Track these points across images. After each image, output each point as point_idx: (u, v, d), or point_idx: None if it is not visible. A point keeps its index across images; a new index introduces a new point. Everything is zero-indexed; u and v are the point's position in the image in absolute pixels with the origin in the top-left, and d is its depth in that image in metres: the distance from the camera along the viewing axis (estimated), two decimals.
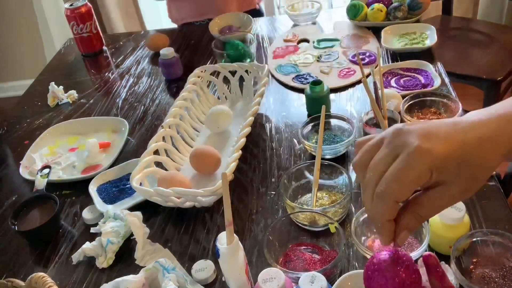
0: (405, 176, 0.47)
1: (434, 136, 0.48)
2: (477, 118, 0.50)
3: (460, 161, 0.47)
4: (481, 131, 0.49)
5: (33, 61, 3.02)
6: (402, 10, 1.46)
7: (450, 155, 0.47)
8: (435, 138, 0.48)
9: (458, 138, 0.48)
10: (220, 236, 0.72)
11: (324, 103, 1.09)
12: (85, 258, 0.92)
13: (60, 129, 1.30)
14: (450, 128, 0.49)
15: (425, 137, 0.47)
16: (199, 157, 1.06)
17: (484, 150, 0.48)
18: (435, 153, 0.47)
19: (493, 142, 0.48)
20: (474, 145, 0.48)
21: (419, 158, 0.47)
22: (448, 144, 0.47)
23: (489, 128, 0.49)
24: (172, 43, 1.66)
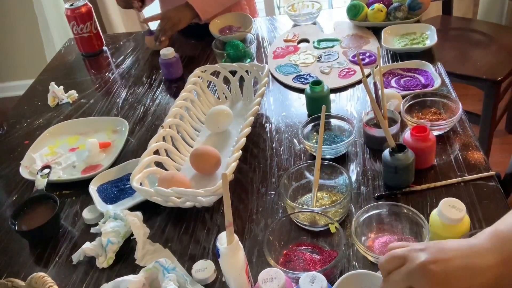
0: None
1: (447, 285, 0.57)
2: (489, 259, 0.58)
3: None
4: (485, 279, 0.57)
5: (33, 61, 3.02)
6: (402, 10, 1.46)
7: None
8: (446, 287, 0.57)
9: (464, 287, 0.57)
10: (220, 236, 0.72)
11: (324, 103, 1.09)
12: (85, 258, 0.92)
13: (60, 129, 1.30)
14: (463, 273, 0.57)
15: (438, 286, 0.57)
16: (199, 157, 1.06)
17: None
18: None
19: (498, 279, 0.57)
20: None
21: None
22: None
23: (495, 273, 0.57)
24: (172, 43, 1.66)
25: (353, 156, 1.06)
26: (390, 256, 0.62)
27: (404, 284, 0.59)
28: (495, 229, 0.61)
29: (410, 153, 0.93)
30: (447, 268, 0.57)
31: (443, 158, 1.01)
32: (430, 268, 0.57)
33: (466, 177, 0.95)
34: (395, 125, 1.03)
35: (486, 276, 0.57)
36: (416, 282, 0.58)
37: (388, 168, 0.94)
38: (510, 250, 0.58)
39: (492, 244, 0.59)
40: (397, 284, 0.60)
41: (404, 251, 0.61)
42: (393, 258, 0.61)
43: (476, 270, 0.57)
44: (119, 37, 1.81)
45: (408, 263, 0.59)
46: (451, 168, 0.98)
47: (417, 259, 0.58)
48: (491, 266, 0.57)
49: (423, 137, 0.95)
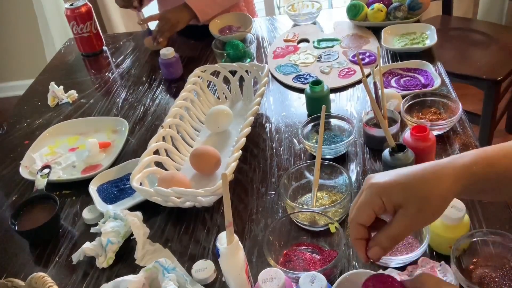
0: (362, 204, 0.62)
1: (386, 175, 0.62)
2: (430, 163, 0.62)
3: (404, 186, 0.59)
4: (426, 166, 0.61)
5: (33, 61, 3.02)
6: (402, 10, 1.46)
7: (395, 182, 0.60)
8: (385, 175, 0.61)
9: (404, 171, 0.61)
10: (220, 236, 0.72)
11: (324, 103, 1.09)
12: (85, 258, 0.92)
13: (60, 129, 1.30)
14: (400, 170, 0.62)
15: (378, 177, 0.62)
16: (199, 157, 1.06)
17: (427, 179, 0.60)
18: (381, 183, 0.60)
19: (437, 174, 0.60)
20: (418, 175, 0.60)
21: (370, 190, 0.61)
22: (394, 177, 0.61)
23: (432, 163, 0.62)
24: (172, 43, 1.66)
25: (353, 156, 1.06)
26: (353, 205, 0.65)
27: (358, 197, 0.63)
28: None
29: (410, 153, 0.93)
30: (387, 173, 0.62)
31: (443, 158, 1.01)
32: (371, 175, 0.63)
33: None
34: (395, 125, 1.03)
35: (426, 166, 0.60)
36: (364, 187, 0.62)
37: (388, 168, 0.94)
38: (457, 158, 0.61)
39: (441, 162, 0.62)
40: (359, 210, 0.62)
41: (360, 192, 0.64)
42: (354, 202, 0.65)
43: (414, 168, 0.61)
44: (119, 37, 1.81)
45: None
46: None
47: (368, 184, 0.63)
48: (431, 163, 0.61)
49: (423, 137, 0.95)
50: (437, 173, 0.60)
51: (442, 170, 0.60)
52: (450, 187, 0.59)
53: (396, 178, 0.60)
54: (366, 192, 0.61)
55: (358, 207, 0.62)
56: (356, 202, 0.63)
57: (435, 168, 0.60)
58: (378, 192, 0.60)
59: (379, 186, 0.60)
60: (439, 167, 0.60)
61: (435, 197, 0.59)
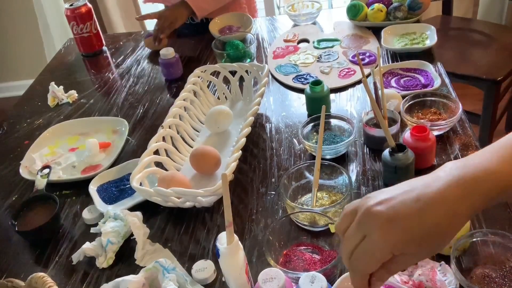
0: (369, 260, 0.54)
1: (395, 223, 0.52)
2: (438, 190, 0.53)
3: (420, 242, 0.53)
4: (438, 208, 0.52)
5: (33, 61, 3.02)
6: (402, 10, 1.46)
7: (409, 240, 0.52)
8: (395, 225, 0.52)
9: (415, 222, 0.52)
10: (220, 236, 0.72)
11: (324, 103, 1.09)
12: (85, 258, 0.92)
13: (60, 129, 1.30)
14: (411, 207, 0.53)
15: (387, 226, 0.53)
16: (199, 157, 1.06)
17: (442, 226, 0.52)
18: (394, 241, 0.52)
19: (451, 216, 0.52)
20: (431, 226, 0.52)
21: (380, 247, 0.53)
22: (406, 231, 0.52)
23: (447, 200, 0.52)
24: (172, 43, 1.66)
25: (353, 156, 1.06)
26: (342, 214, 0.58)
27: (356, 236, 0.55)
28: (459, 160, 0.56)
29: (410, 153, 0.93)
30: (394, 204, 0.53)
31: (443, 158, 1.01)
32: (374, 210, 0.53)
33: None
34: (395, 125, 1.03)
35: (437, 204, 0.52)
36: (365, 229, 0.54)
37: (388, 168, 0.94)
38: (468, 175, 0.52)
39: (447, 173, 0.53)
40: (351, 239, 0.55)
41: (355, 203, 0.57)
42: (345, 216, 0.57)
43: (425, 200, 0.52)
44: (119, 37, 1.81)
45: (358, 214, 0.55)
46: None
47: (363, 206, 0.55)
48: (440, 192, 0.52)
49: (423, 137, 0.95)
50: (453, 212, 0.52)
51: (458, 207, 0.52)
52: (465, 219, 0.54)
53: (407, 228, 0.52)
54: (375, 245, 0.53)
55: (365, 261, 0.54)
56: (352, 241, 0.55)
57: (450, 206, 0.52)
58: (389, 249, 0.53)
59: (391, 244, 0.52)
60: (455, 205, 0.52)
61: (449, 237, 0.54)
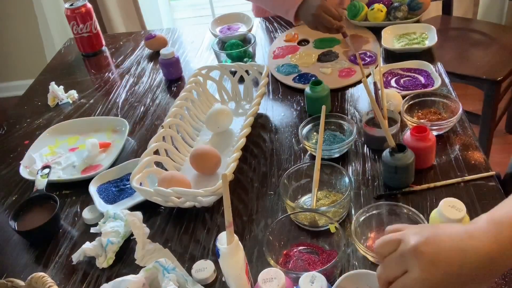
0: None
1: (438, 266, 0.57)
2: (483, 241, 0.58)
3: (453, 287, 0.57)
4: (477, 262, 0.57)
5: (33, 61, 3.02)
6: (402, 10, 1.46)
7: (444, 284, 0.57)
8: (437, 268, 0.57)
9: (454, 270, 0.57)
10: (220, 236, 0.72)
11: (324, 103, 1.09)
12: (85, 258, 0.92)
13: (60, 129, 1.30)
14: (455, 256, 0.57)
15: (429, 267, 0.57)
16: (199, 157, 1.06)
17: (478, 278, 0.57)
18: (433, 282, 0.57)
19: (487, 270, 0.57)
20: (467, 276, 0.57)
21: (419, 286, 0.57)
22: (445, 276, 0.57)
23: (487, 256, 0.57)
24: (172, 43, 1.66)
25: (353, 156, 1.06)
26: (385, 240, 0.63)
27: (398, 267, 0.59)
28: (491, 215, 0.61)
29: (410, 153, 0.93)
30: (439, 249, 0.58)
31: (443, 158, 1.01)
32: (421, 250, 0.58)
33: (466, 177, 0.95)
34: (395, 125, 1.03)
35: (479, 257, 0.57)
36: (409, 264, 0.58)
37: (388, 168, 0.94)
38: (504, 234, 0.58)
39: (488, 228, 0.59)
40: (392, 268, 0.60)
41: (398, 235, 0.61)
42: (388, 243, 0.62)
43: (468, 251, 0.57)
44: (119, 37, 1.81)
45: (402, 246, 0.60)
46: (451, 168, 0.98)
47: (410, 241, 0.59)
48: (484, 248, 0.57)
49: (423, 137, 0.95)
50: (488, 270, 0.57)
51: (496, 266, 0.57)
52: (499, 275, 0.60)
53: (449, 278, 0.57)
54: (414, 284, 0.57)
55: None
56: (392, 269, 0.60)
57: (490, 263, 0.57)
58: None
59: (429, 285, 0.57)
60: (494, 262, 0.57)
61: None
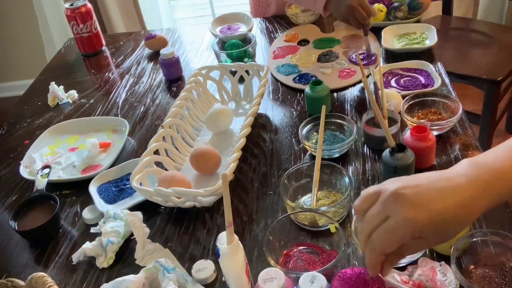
0: (391, 238, 0.59)
1: (419, 205, 0.58)
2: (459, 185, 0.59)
3: (438, 227, 0.58)
4: (459, 198, 0.58)
5: (33, 61, 3.02)
6: (402, 10, 1.46)
7: (429, 223, 0.58)
8: (419, 207, 0.58)
9: (438, 207, 0.58)
10: (220, 236, 0.72)
11: (324, 103, 1.09)
12: (85, 258, 0.92)
13: (60, 129, 1.30)
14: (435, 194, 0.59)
15: (411, 207, 0.58)
16: (199, 157, 1.06)
17: (459, 217, 0.58)
18: (416, 222, 0.58)
19: (467, 209, 0.58)
20: (450, 214, 0.58)
21: (403, 226, 0.58)
22: (428, 214, 0.58)
23: (467, 194, 0.59)
24: (172, 43, 1.66)
25: (353, 156, 1.06)
26: (363, 196, 0.63)
27: (380, 216, 0.60)
28: (474, 158, 0.62)
29: (410, 153, 0.93)
30: (419, 190, 0.59)
31: (443, 158, 1.01)
32: (401, 193, 0.59)
33: None
34: (395, 125, 1.03)
35: (460, 195, 0.58)
36: (390, 209, 0.59)
37: (388, 168, 0.94)
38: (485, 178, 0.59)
39: (468, 170, 0.60)
40: (373, 218, 0.61)
41: (376, 187, 0.62)
42: (366, 197, 0.63)
43: (448, 190, 0.58)
44: (119, 37, 1.81)
45: (381, 196, 0.60)
46: None
47: (389, 188, 0.60)
48: (465, 187, 0.58)
49: (423, 137, 0.95)
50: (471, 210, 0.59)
51: (476, 205, 0.59)
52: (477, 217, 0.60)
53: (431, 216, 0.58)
54: (399, 226, 0.58)
55: (387, 240, 0.60)
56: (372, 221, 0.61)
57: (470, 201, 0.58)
58: (412, 231, 0.58)
59: (415, 226, 0.58)
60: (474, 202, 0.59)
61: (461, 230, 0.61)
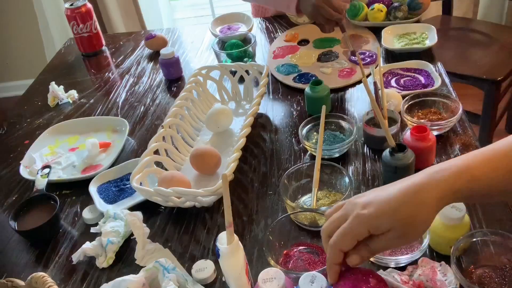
0: (347, 233, 0.63)
1: (369, 203, 0.63)
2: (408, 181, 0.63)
3: (390, 215, 0.61)
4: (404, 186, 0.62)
5: (33, 61, 3.02)
6: (402, 10, 1.46)
7: (381, 212, 0.61)
8: (369, 204, 0.63)
9: (385, 196, 0.62)
10: (220, 236, 0.72)
11: (324, 103, 1.09)
12: (85, 258, 0.92)
13: (60, 129, 1.30)
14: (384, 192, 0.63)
15: (364, 206, 0.63)
16: (199, 157, 1.06)
17: (409, 204, 0.61)
18: (368, 215, 0.62)
19: (417, 194, 0.61)
20: (399, 199, 0.61)
21: (356, 222, 0.62)
22: (377, 205, 0.62)
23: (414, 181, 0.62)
24: (172, 43, 1.66)
25: (353, 156, 1.06)
26: (334, 206, 0.68)
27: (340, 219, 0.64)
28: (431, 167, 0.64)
29: (410, 153, 0.93)
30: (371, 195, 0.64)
31: (443, 158, 1.01)
32: (358, 200, 0.64)
33: None
34: (395, 125, 1.03)
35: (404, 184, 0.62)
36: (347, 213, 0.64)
37: (388, 168, 0.94)
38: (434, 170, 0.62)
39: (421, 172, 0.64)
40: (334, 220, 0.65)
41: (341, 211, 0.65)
42: (336, 207, 0.67)
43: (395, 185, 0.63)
44: (119, 37, 1.81)
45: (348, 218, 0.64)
46: None
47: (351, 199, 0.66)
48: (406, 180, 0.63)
49: (423, 137, 0.95)
50: (419, 197, 0.61)
51: (424, 193, 0.61)
52: (433, 209, 0.61)
53: (380, 206, 0.62)
54: (352, 221, 0.63)
55: (342, 234, 0.63)
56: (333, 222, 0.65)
57: (417, 188, 0.61)
58: (365, 225, 0.62)
59: (366, 218, 0.62)
60: (421, 188, 0.61)
61: (419, 221, 0.62)
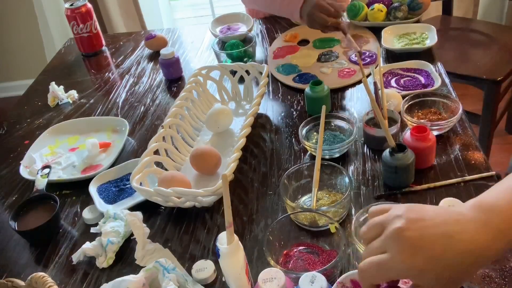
0: (382, 274, 0.58)
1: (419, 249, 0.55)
2: (469, 228, 0.56)
3: (438, 274, 0.55)
4: (464, 246, 0.55)
5: (33, 61, 3.02)
6: (402, 10, 1.46)
7: (428, 270, 0.55)
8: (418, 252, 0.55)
9: (437, 253, 0.55)
10: (220, 236, 0.72)
11: (324, 103, 1.09)
12: (85, 258, 0.92)
13: (60, 129, 1.30)
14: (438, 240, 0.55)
15: (410, 250, 0.56)
16: (199, 157, 1.06)
17: (465, 265, 0.55)
18: (411, 266, 0.55)
19: (477, 256, 0.55)
20: (451, 262, 0.55)
21: (397, 268, 0.56)
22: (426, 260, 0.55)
23: (476, 242, 0.55)
24: (172, 43, 1.66)
25: (353, 156, 1.06)
26: (369, 226, 0.62)
27: (378, 250, 0.59)
28: (480, 202, 0.59)
29: (410, 153, 0.93)
30: (422, 233, 0.56)
31: (443, 158, 1.01)
32: (404, 234, 0.56)
33: (466, 177, 0.95)
34: (395, 125, 1.03)
35: (465, 243, 0.55)
36: (390, 247, 0.57)
37: (388, 168, 0.94)
38: (493, 224, 0.55)
39: (474, 214, 0.57)
40: (372, 250, 0.60)
41: (383, 218, 0.61)
42: (373, 227, 0.62)
43: (454, 237, 0.55)
44: (119, 37, 1.81)
45: (385, 230, 0.59)
46: (451, 168, 0.98)
47: (393, 225, 0.58)
48: (471, 235, 0.55)
49: (423, 137, 0.95)
50: (478, 259, 0.55)
51: (484, 252, 0.55)
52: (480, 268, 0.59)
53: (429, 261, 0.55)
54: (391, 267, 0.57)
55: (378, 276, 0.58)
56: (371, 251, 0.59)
57: (476, 251, 0.55)
58: (406, 274, 0.57)
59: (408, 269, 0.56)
60: (484, 256, 0.55)
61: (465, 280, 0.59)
